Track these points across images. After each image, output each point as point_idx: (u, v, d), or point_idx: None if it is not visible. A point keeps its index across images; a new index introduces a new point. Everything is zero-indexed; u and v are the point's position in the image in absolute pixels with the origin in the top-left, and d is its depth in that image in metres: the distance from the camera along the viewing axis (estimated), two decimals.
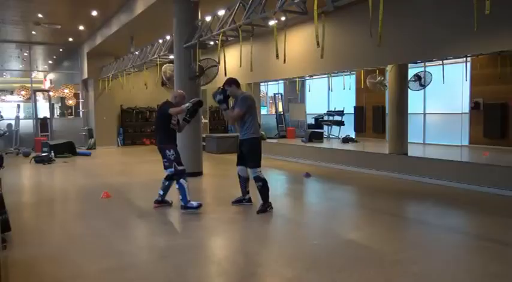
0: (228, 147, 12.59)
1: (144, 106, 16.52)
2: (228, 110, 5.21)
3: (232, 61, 8.41)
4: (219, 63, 7.68)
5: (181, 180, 5.19)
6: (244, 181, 5.51)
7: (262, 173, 5.23)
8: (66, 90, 16.25)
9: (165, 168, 5.35)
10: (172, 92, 5.54)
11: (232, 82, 5.26)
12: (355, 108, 13.16)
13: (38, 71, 20.46)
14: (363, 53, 7.79)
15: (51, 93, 16.57)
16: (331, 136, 13.63)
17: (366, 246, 4.01)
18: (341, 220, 5.21)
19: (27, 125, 14.87)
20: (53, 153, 11.48)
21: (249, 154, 5.23)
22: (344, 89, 11.76)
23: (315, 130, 13.24)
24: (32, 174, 9.41)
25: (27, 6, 10.17)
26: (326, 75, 11.79)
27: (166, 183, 5.50)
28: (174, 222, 5.31)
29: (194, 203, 5.25)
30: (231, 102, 5.46)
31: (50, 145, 11.99)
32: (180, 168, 5.24)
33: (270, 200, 5.31)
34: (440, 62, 8.70)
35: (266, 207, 5.20)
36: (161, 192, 5.57)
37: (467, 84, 9.46)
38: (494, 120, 9.63)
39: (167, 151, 5.23)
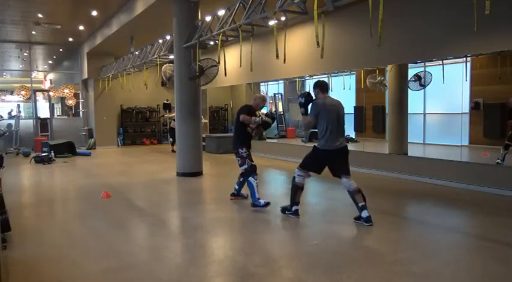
0: (227, 147, 12.52)
1: (144, 106, 16.55)
2: (304, 115, 5.06)
3: (232, 61, 8.41)
4: (219, 63, 7.68)
5: (250, 178, 5.42)
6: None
7: (299, 177, 5.01)
8: (66, 90, 16.26)
9: (240, 166, 5.64)
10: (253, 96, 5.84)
11: (315, 86, 5.05)
12: (355, 108, 13.13)
13: (38, 71, 20.49)
14: (363, 53, 7.78)
15: (51, 93, 16.58)
16: None
17: (366, 246, 4.01)
18: (341, 220, 5.21)
19: (27, 125, 14.86)
20: (53, 153, 11.48)
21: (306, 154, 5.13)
22: (344, 89, 11.75)
23: (315, 130, 13.19)
24: (32, 174, 9.40)
25: (27, 6, 10.18)
26: (326, 75, 11.78)
27: (241, 179, 5.85)
28: (174, 222, 5.32)
29: (261, 202, 5.35)
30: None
31: (50, 145, 11.98)
32: (252, 163, 5.49)
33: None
34: (440, 62, 8.70)
35: (284, 208, 5.06)
36: (237, 187, 5.98)
37: (467, 84, 9.44)
38: (494, 120, 9.62)
39: (240, 149, 5.54)
